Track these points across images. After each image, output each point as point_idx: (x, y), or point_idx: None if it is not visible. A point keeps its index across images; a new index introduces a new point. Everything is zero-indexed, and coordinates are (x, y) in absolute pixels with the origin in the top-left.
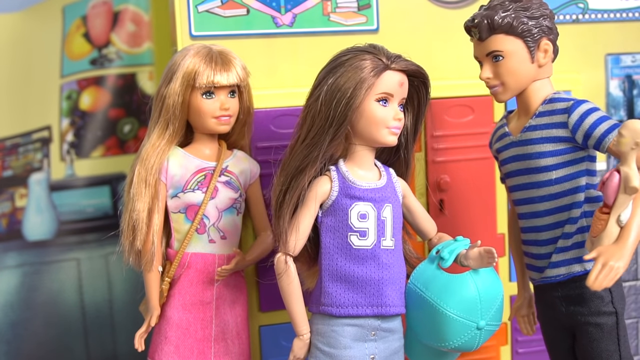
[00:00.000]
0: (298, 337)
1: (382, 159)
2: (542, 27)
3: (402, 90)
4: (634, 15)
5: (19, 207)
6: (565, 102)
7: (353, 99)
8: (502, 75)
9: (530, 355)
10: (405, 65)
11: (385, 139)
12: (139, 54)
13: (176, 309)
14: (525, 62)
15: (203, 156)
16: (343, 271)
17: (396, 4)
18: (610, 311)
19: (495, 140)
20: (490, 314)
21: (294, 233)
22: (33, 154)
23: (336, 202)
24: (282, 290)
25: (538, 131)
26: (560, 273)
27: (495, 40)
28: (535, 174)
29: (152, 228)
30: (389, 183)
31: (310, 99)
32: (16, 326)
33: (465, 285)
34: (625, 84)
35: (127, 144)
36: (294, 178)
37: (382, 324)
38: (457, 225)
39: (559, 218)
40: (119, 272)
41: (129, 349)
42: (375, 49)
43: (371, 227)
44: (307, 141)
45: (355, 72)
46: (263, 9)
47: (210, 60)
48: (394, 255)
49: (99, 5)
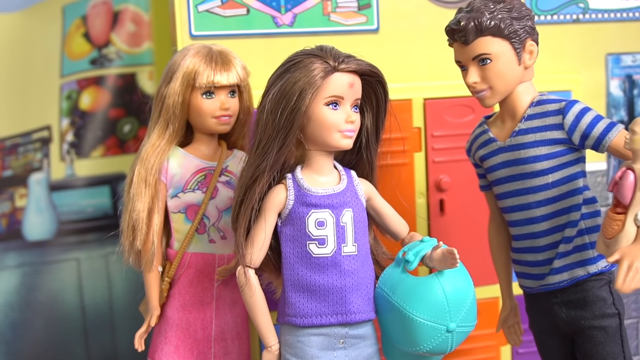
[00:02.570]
0: (266, 349)
1: (345, 161)
2: (526, 28)
3: (353, 92)
4: (635, 15)
5: (19, 207)
6: (556, 104)
7: (298, 104)
8: (489, 79)
9: (531, 356)
10: (356, 65)
11: (338, 143)
12: (139, 54)
13: (176, 309)
14: (513, 64)
15: (203, 156)
16: (304, 280)
17: (396, 4)
18: (613, 313)
19: (478, 147)
20: (460, 315)
21: (250, 245)
22: (33, 153)
23: (293, 211)
24: (246, 303)
25: (530, 134)
26: (563, 279)
27: (482, 43)
28: (530, 179)
29: (152, 228)
30: (349, 186)
31: (259, 106)
32: (16, 326)
33: (431, 288)
34: (625, 83)
35: (127, 144)
36: (248, 189)
37: (350, 331)
38: (457, 225)
39: (557, 222)
40: (119, 272)
41: (129, 349)
42: (323, 51)
43: (330, 234)
44: (258, 150)
45: (300, 77)
46: (263, 9)
47: (210, 60)
48: (357, 261)
49: (98, 5)
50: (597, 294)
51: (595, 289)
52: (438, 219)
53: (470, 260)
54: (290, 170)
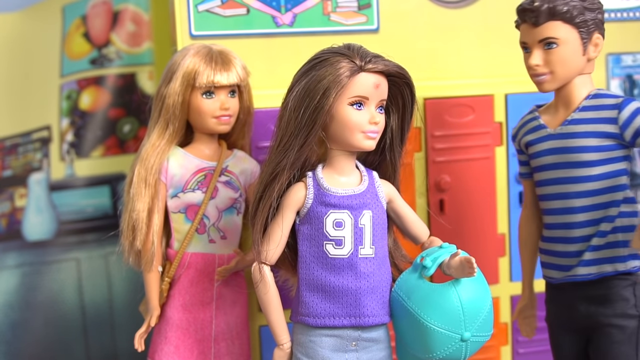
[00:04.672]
0: (278, 346)
1: (367, 161)
2: (597, 21)
3: (378, 93)
4: (635, 15)
5: (19, 207)
6: (614, 98)
7: (322, 103)
8: (552, 64)
9: (531, 356)
10: (383, 66)
11: (361, 144)
12: (138, 54)
13: (176, 309)
14: (577, 53)
15: (203, 156)
16: (319, 281)
17: (396, 3)
18: (634, 314)
19: (526, 132)
20: (476, 325)
21: (266, 242)
22: (33, 153)
23: (311, 210)
24: (260, 300)
25: (582, 125)
26: (591, 272)
27: (551, 27)
28: (574, 169)
29: (152, 228)
30: (370, 188)
31: (283, 103)
32: (16, 326)
33: (447, 296)
34: (626, 83)
35: (127, 144)
36: (267, 185)
37: (363, 334)
38: (457, 225)
39: (594, 216)
40: (119, 272)
41: (129, 349)
42: (350, 50)
43: (347, 235)
44: (279, 147)
45: (325, 76)
46: (263, 9)
47: (210, 60)
48: (374, 264)
49: (98, 5)
50: (621, 293)
51: (620, 288)
52: (438, 219)
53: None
54: (312, 168)
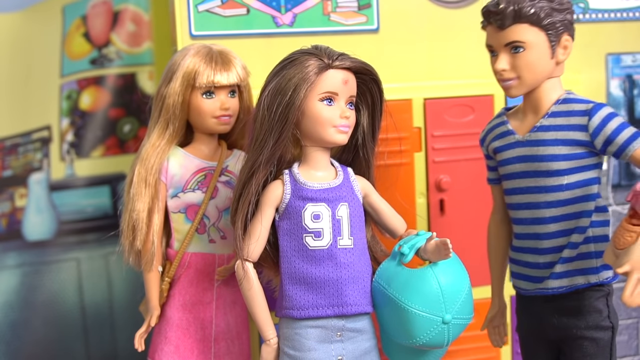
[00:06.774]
0: (265, 342)
1: (342, 159)
2: (565, 22)
3: (347, 89)
4: (635, 15)
5: (19, 207)
6: (584, 104)
7: (293, 99)
8: (519, 69)
9: None
10: (350, 62)
11: (333, 138)
12: (139, 54)
13: (176, 309)
14: (545, 57)
15: (203, 156)
16: (301, 273)
17: (396, 3)
18: (607, 326)
19: (494, 138)
20: (456, 307)
21: (247, 239)
22: (33, 153)
23: (289, 205)
24: (244, 296)
25: (551, 132)
26: (562, 285)
27: (518, 30)
28: (544, 178)
29: (152, 228)
30: (346, 182)
31: (257, 103)
32: (16, 326)
33: (426, 279)
34: (625, 83)
35: (127, 144)
36: (245, 183)
37: (347, 324)
38: (457, 225)
39: (565, 226)
40: (119, 272)
41: (129, 349)
42: (318, 50)
43: (326, 227)
44: (255, 145)
45: (295, 74)
46: (263, 9)
47: (210, 60)
48: (353, 254)
49: (98, 5)
50: (594, 305)
51: (593, 300)
52: (438, 219)
53: (470, 260)
54: (288, 166)
